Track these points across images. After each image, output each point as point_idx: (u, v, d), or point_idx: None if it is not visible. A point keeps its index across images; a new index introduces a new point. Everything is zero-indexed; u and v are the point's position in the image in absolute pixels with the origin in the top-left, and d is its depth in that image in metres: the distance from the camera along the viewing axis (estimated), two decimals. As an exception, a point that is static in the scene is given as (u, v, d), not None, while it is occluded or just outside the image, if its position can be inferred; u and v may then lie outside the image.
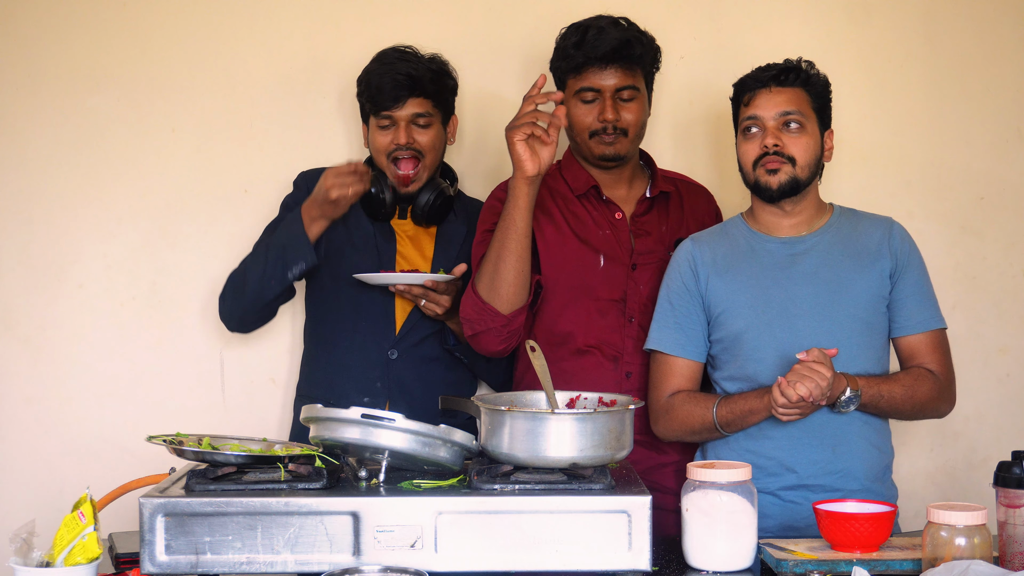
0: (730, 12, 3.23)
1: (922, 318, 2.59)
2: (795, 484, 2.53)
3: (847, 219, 2.65)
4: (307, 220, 2.70)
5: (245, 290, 2.79)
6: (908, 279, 2.59)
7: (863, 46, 3.22)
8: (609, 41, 2.68)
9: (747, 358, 2.57)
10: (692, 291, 2.62)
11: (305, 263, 2.71)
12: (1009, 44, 3.24)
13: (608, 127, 2.72)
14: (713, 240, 2.67)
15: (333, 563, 2.00)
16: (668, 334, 2.63)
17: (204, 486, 2.06)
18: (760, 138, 2.55)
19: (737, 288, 2.59)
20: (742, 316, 2.57)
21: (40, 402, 3.14)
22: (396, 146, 2.79)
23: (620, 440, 2.11)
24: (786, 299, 2.56)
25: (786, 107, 2.54)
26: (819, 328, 2.53)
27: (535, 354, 2.27)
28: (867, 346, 2.56)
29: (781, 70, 2.56)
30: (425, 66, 2.81)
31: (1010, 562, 2.09)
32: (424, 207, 2.84)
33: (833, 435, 2.52)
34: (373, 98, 2.80)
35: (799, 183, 2.54)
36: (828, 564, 2.14)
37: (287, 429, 3.11)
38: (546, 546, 2.01)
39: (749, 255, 2.62)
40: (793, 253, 2.60)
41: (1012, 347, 3.26)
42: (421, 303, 2.74)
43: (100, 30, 3.13)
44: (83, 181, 3.13)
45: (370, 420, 2.06)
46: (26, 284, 3.13)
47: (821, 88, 2.59)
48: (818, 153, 2.57)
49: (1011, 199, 3.25)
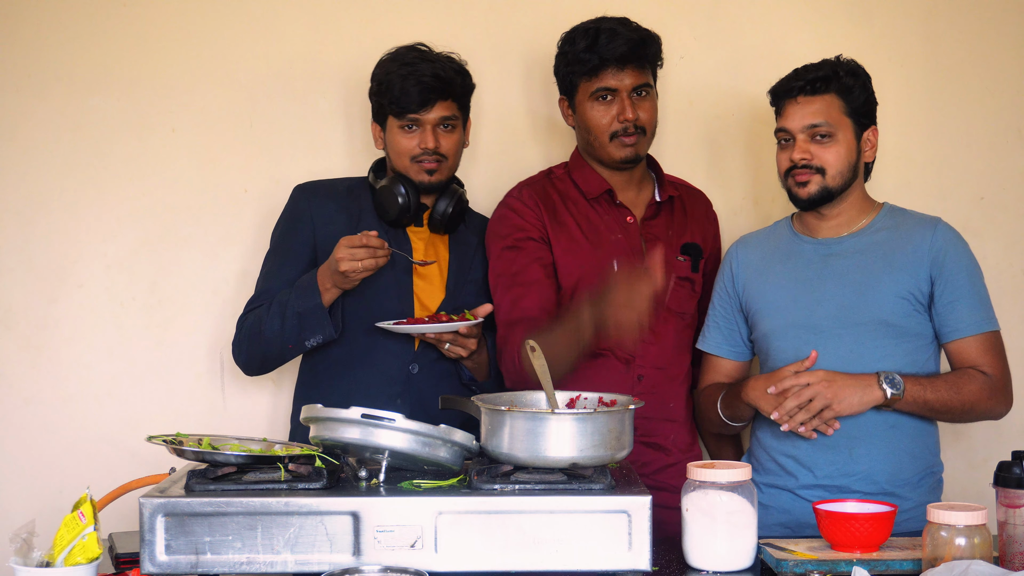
0: (730, 12, 3.23)
1: (971, 321, 2.56)
2: (812, 484, 2.54)
3: (893, 219, 2.64)
4: (322, 288, 2.61)
5: (263, 346, 2.70)
6: (953, 282, 2.55)
7: (863, 46, 3.21)
8: (624, 42, 2.69)
9: (775, 359, 2.61)
10: (731, 293, 2.71)
11: (323, 336, 2.64)
12: (1009, 44, 3.24)
13: (629, 126, 2.72)
14: (759, 241, 2.73)
15: (333, 563, 2.00)
16: (711, 334, 2.75)
17: (204, 486, 2.06)
18: (791, 149, 2.56)
19: (770, 289, 2.64)
20: (771, 317, 2.62)
21: (40, 402, 3.13)
22: (423, 150, 2.70)
23: (620, 440, 2.11)
24: (812, 301, 2.58)
25: (813, 119, 2.54)
26: (842, 330, 2.54)
27: (535, 354, 2.26)
28: (896, 349, 2.54)
29: (809, 80, 2.54)
30: (450, 67, 2.72)
31: (1010, 562, 2.09)
32: (443, 214, 2.76)
33: (850, 437, 2.52)
34: (397, 100, 2.67)
35: (830, 192, 2.56)
36: (828, 564, 2.14)
37: (287, 429, 3.11)
38: (546, 546, 2.01)
39: (787, 256, 2.65)
40: (827, 254, 2.61)
41: (1012, 347, 3.23)
42: (445, 347, 2.64)
43: (100, 30, 3.12)
44: (83, 181, 3.13)
45: (370, 420, 2.06)
46: (26, 284, 3.13)
47: (858, 89, 2.56)
48: (853, 158, 2.57)
49: (1011, 199, 3.25)
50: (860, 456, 2.53)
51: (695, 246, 2.86)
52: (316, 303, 2.61)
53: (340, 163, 3.12)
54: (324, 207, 2.79)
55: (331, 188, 2.84)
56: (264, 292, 2.76)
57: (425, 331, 2.60)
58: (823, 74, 2.55)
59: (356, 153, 3.14)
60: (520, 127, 3.19)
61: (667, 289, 2.72)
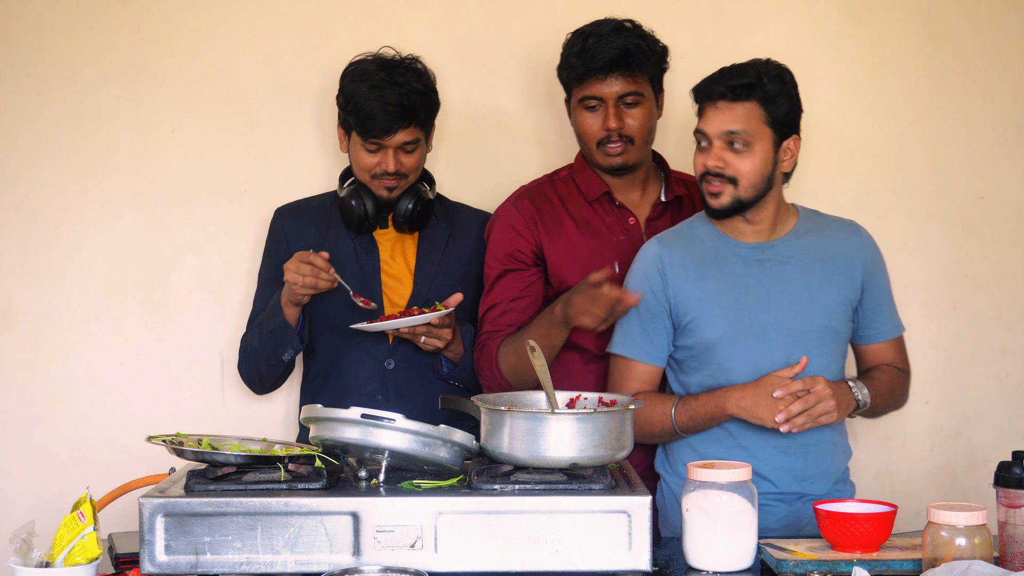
0: (730, 12, 3.22)
1: (894, 325, 2.66)
2: (769, 491, 2.52)
3: (813, 222, 2.62)
4: (284, 306, 2.72)
5: (255, 365, 2.85)
6: (878, 288, 2.62)
7: (863, 45, 3.22)
8: (608, 50, 2.65)
9: (719, 367, 2.54)
10: (659, 296, 2.56)
11: (293, 350, 2.77)
12: (1009, 44, 3.24)
13: (612, 135, 2.71)
14: (681, 242, 2.60)
15: (333, 563, 2.00)
16: (632, 338, 2.58)
17: (204, 486, 2.06)
18: (706, 154, 2.49)
19: (708, 295, 2.54)
20: (715, 325, 2.53)
21: (40, 402, 3.13)
22: (384, 171, 2.75)
23: (620, 440, 2.11)
24: (759, 307, 2.53)
25: (731, 126, 2.45)
26: (791, 337, 2.52)
27: (535, 354, 2.26)
28: (834, 353, 2.57)
29: (730, 87, 2.46)
30: (416, 90, 2.72)
31: (1010, 562, 2.09)
32: (405, 214, 2.81)
33: (805, 444, 2.53)
34: (362, 124, 2.70)
35: (742, 203, 2.49)
36: (828, 564, 2.14)
37: (287, 429, 3.11)
38: (546, 546, 2.01)
39: (718, 260, 2.56)
40: (763, 259, 2.56)
41: (1012, 347, 3.25)
42: (421, 340, 2.69)
43: (100, 28, 3.12)
44: (83, 181, 3.13)
45: (370, 420, 2.06)
46: (26, 284, 3.13)
47: (782, 98, 2.47)
48: (768, 169, 2.48)
49: (1011, 199, 3.25)
50: (814, 460, 2.54)
51: None
52: (281, 320, 2.73)
53: (340, 163, 3.11)
54: (296, 226, 2.89)
55: (304, 206, 2.95)
56: (255, 313, 2.89)
57: (398, 326, 2.64)
58: (746, 81, 2.45)
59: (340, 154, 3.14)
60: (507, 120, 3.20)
61: None
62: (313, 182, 3.09)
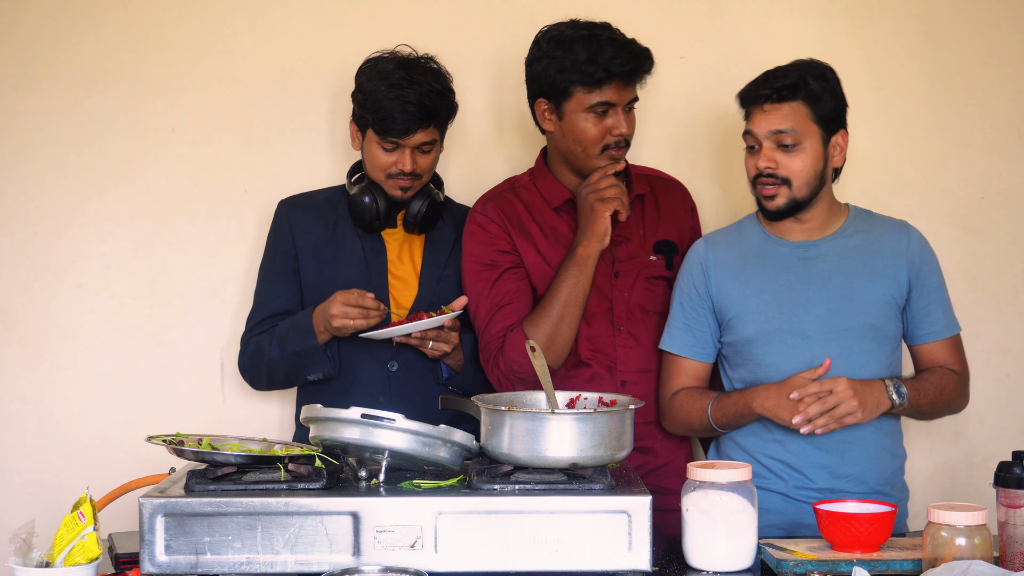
0: (730, 12, 3.22)
1: (944, 325, 2.63)
2: (804, 486, 2.54)
3: (863, 222, 2.64)
4: (316, 331, 2.68)
5: (268, 373, 2.81)
6: (928, 287, 2.60)
7: (864, 46, 3.22)
8: (632, 57, 2.63)
9: (758, 364, 2.58)
10: (703, 294, 2.64)
11: (323, 373, 2.75)
12: (1009, 44, 3.24)
13: (621, 141, 2.69)
14: (727, 241, 2.67)
15: (333, 563, 2.00)
16: (678, 335, 2.66)
17: (204, 486, 2.06)
18: (757, 156, 2.53)
19: (749, 293, 2.59)
20: (753, 322, 2.58)
21: (40, 402, 3.13)
22: (399, 171, 2.73)
23: (620, 440, 2.11)
24: (797, 305, 2.56)
25: (779, 125, 2.50)
26: (830, 335, 2.54)
27: (535, 354, 2.27)
28: (877, 352, 2.57)
29: (775, 88, 2.50)
30: (435, 90, 2.71)
31: (1010, 562, 2.09)
32: (416, 215, 2.79)
33: (842, 441, 2.53)
34: (380, 122, 2.69)
35: (798, 203, 2.54)
36: (828, 564, 2.14)
37: (287, 429, 3.11)
38: (546, 546, 2.01)
39: (762, 259, 2.61)
40: (806, 257, 2.59)
41: (1012, 347, 3.25)
42: (429, 345, 2.67)
43: (99, 30, 3.12)
44: (82, 181, 3.13)
45: (370, 420, 2.06)
46: (26, 284, 3.13)
47: (827, 95, 2.52)
48: (820, 166, 2.54)
49: (1011, 199, 3.24)
50: (852, 459, 2.54)
51: (669, 243, 2.82)
52: (312, 345, 2.71)
53: (339, 163, 3.12)
54: (302, 218, 2.86)
55: (310, 199, 2.92)
56: (259, 307, 2.86)
57: (409, 330, 2.62)
58: (790, 82, 2.50)
59: (355, 153, 3.13)
60: (504, 120, 3.19)
61: None
62: (313, 182, 3.08)
